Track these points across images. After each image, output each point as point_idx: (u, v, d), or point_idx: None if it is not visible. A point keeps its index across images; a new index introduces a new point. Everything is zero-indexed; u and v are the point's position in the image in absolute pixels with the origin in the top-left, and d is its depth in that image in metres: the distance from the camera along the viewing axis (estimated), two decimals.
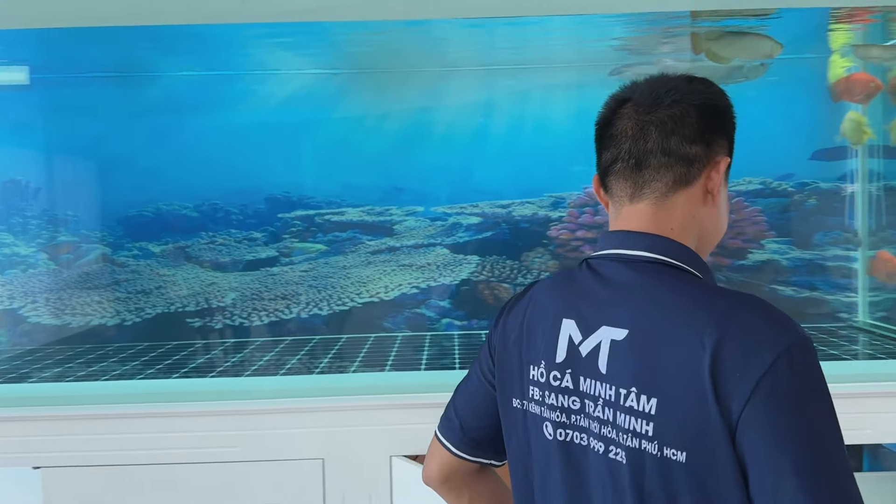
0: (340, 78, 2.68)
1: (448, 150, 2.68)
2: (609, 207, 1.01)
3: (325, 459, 1.96)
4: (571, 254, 2.68)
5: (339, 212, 2.70)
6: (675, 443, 0.85)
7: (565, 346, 0.95)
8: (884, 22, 2.37)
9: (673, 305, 0.90)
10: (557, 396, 0.94)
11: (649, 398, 0.86)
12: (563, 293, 0.98)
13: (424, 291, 2.66)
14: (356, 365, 2.24)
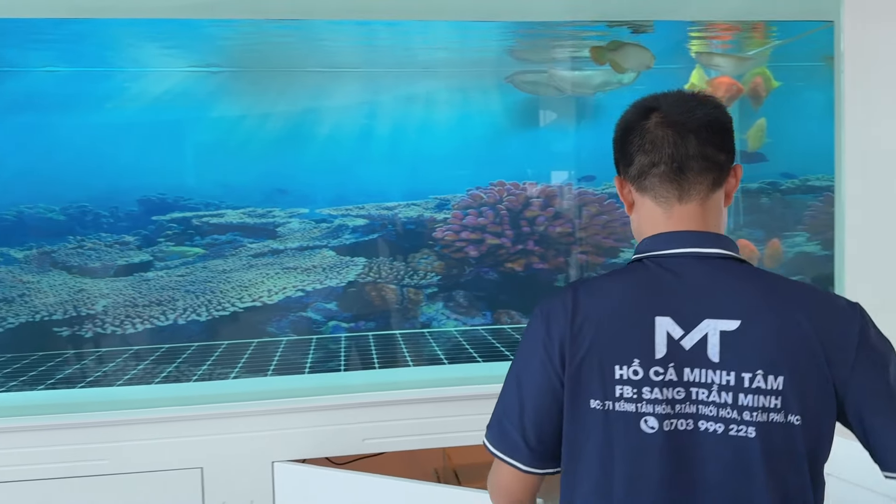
0: (219, 76, 2.61)
1: (333, 152, 2.66)
2: (641, 207, 1.14)
3: (203, 468, 1.90)
4: (456, 254, 2.73)
5: (218, 214, 2.62)
6: (796, 409, 1.01)
7: (664, 342, 1.04)
8: (740, 39, 2.58)
9: (764, 293, 1.05)
10: (662, 390, 1.03)
11: (776, 377, 1.01)
12: (646, 293, 1.07)
13: (310, 294, 2.63)
14: (236, 371, 2.19)
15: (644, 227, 1.14)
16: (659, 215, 1.12)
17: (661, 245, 1.10)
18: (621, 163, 1.16)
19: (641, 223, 1.15)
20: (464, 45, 2.72)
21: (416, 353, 2.45)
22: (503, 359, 2.33)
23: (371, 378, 2.13)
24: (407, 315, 2.69)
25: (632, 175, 1.13)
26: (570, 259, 2.76)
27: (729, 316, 1.04)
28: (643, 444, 1.03)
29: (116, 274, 2.52)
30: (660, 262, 1.09)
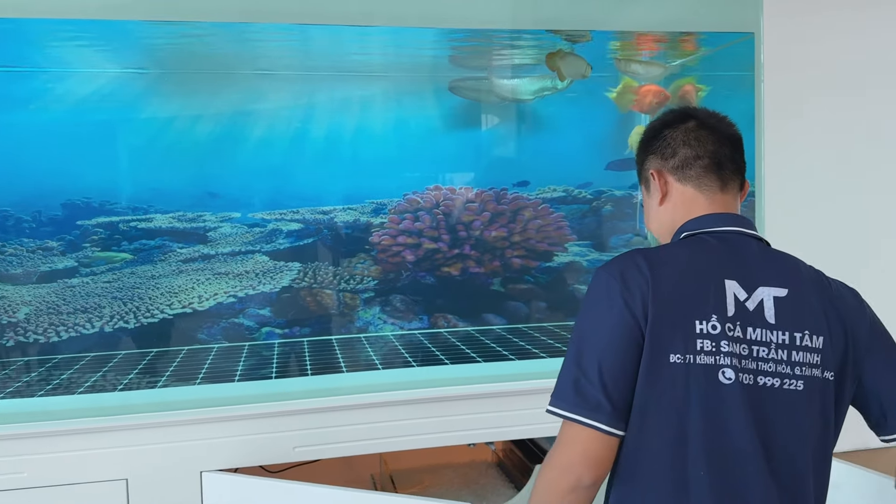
0: (148, 78, 2.54)
1: (266, 155, 2.63)
2: (680, 195, 1.30)
3: (128, 480, 1.85)
4: (393, 259, 2.72)
5: (146, 218, 2.55)
6: (831, 366, 1.19)
7: (733, 302, 1.17)
8: (667, 49, 2.65)
9: (797, 269, 1.25)
10: (734, 345, 1.15)
11: (818, 336, 1.18)
12: (713, 258, 1.21)
13: (242, 300, 2.58)
14: (164, 380, 2.14)
15: (680, 213, 1.29)
16: (702, 201, 1.27)
17: (711, 223, 1.25)
18: (660, 155, 1.31)
19: (677, 209, 1.29)
20: (401, 51, 2.72)
21: (352, 358, 2.44)
22: (438, 363, 2.34)
23: (304, 385, 2.11)
24: (343, 320, 2.67)
25: (673, 166, 1.29)
26: (505, 263, 2.79)
27: (778, 284, 1.20)
28: (722, 394, 1.14)
29: (39, 280, 2.43)
30: (715, 236, 1.24)
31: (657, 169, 1.31)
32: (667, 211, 1.31)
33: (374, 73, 2.69)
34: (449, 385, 2.06)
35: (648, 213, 1.36)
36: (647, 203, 1.36)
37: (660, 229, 1.34)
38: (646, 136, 1.35)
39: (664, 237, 1.34)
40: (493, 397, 1.97)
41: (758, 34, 2.15)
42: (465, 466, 2.50)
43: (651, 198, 1.34)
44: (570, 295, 2.83)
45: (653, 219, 1.35)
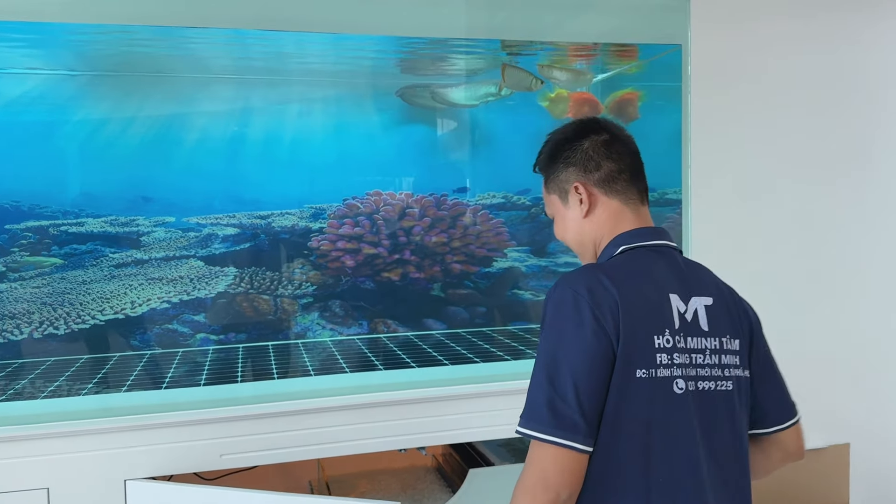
0: (79, 80, 2.49)
1: (202, 159, 2.60)
2: (606, 208, 1.34)
3: (50, 489, 1.81)
4: (332, 264, 2.72)
5: (77, 222, 2.50)
6: (746, 365, 1.31)
7: (676, 314, 1.24)
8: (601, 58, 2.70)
9: (712, 277, 1.35)
10: (681, 355, 1.22)
11: (736, 339, 1.29)
12: (657, 273, 1.27)
13: (176, 306, 2.55)
14: (90, 387, 2.10)
15: (608, 226, 1.33)
16: (628, 214, 1.33)
17: (646, 236, 1.31)
18: (582, 168, 1.34)
19: (605, 223, 1.33)
20: (342, 57, 2.72)
21: (286, 365, 2.42)
22: (372, 369, 2.34)
23: (234, 392, 2.09)
24: (281, 326, 2.65)
25: (599, 179, 1.34)
26: (445, 268, 2.80)
27: (706, 294, 1.29)
28: (677, 404, 1.21)
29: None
30: (652, 250, 1.30)
31: (581, 182, 1.34)
32: (592, 223, 1.34)
33: (314, 79, 2.69)
34: (384, 391, 2.05)
35: (566, 224, 1.38)
36: (563, 214, 1.39)
37: (581, 240, 1.37)
38: (556, 147, 1.37)
39: (585, 248, 1.38)
40: (430, 402, 1.99)
41: (685, 46, 2.21)
42: (403, 472, 2.51)
43: (570, 209, 1.36)
44: (509, 300, 2.86)
45: (574, 230, 1.37)
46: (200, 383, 2.13)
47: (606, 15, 2.26)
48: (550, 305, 1.21)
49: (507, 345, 2.61)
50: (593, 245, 1.35)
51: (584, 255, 1.38)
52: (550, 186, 1.41)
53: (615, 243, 1.31)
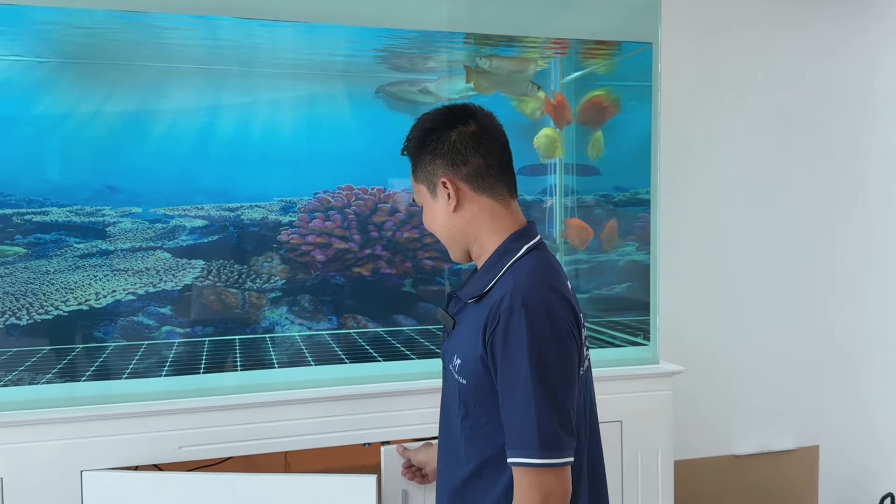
0: (46, 67, 2.46)
1: (170, 149, 2.57)
2: (475, 204, 1.30)
3: (3, 479, 1.78)
4: (302, 258, 2.69)
5: (42, 211, 2.46)
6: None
7: (575, 305, 1.28)
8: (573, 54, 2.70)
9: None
10: (582, 344, 1.28)
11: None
12: (561, 269, 1.31)
13: (142, 298, 2.51)
14: (49, 376, 2.06)
15: (478, 223, 1.30)
16: (500, 210, 1.30)
17: (535, 234, 1.32)
18: (449, 162, 1.29)
19: (475, 219, 1.30)
20: (316, 49, 2.70)
21: (252, 358, 2.39)
22: (338, 362, 2.32)
23: (195, 384, 2.06)
24: (248, 320, 2.63)
25: (467, 174, 1.29)
26: (416, 264, 2.79)
27: (569, 280, 1.33)
28: (588, 387, 1.33)
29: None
30: (544, 247, 1.32)
31: (449, 177, 1.30)
32: (461, 219, 1.31)
33: (287, 70, 2.66)
34: (351, 384, 2.04)
35: (435, 217, 1.35)
36: (431, 205, 1.35)
37: (450, 234, 1.34)
38: (424, 135, 1.33)
39: (455, 242, 1.35)
40: (397, 396, 1.97)
41: (656, 45, 2.21)
42: (372, 467, 2.48)
43: (438, 203, 1.33)
44: None
45: (442, 224, 1.34)
46: (162, 374, 2.10)
47: (578, 11, 2.26)
48: (524, 321, 1.16)
49: None
50: (465, 240, 1.33)
51: (454, 248, 1.37)
52: (418, 175, 1.36)
53: (513, 244, 1.28)
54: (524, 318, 1.16)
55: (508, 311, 1.18)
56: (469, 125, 1.30)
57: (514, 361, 1.16)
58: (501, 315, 1.18)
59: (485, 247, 1.31)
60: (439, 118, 1.33)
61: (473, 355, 1.24)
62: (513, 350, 1.16)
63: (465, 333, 1.29)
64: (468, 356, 1.25)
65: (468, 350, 1.26)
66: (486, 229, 1.30)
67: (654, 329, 2.29)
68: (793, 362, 3.14)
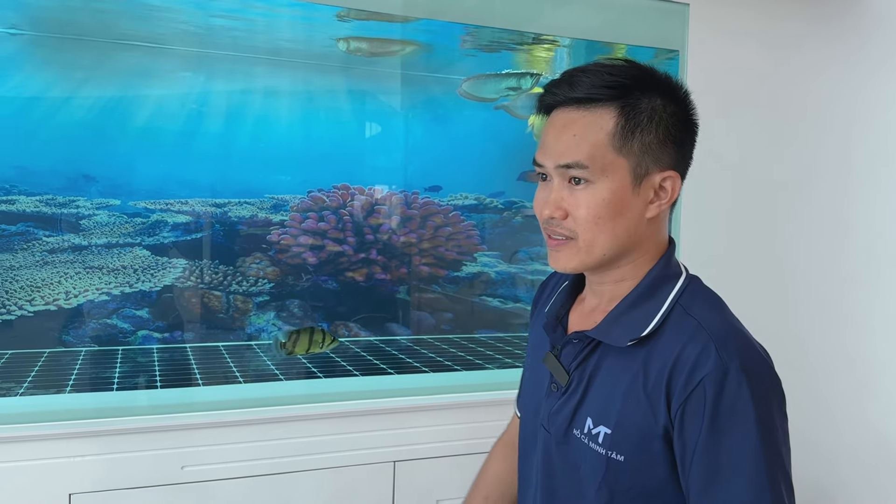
0: (19, 40, 2.21)
1: (153, 138, 2.35)
2: (666, 216, 0.99)
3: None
4: (293, 260, 2.52)
5: (7, 200, 2.21)
6: None
7: None
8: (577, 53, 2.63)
9: None
10: None
11: None
12: None
13: (117, 299, 2.28)
14: (25, 386, 1.83)
15: (655, 241, 0.98)
16: (666, 230, 1.01)
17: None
18: (682, 158, 0.96)
19: (656, 234, 0.98)
20: (314, 37, 2.53)
21: (244, 368, 2.20)
22: (344, 375, 2.16)
23: (193, 397, 1.87)
24: (232, 325, 2.43)
25: (681, 179, 0.97)
26: (412, 270, 2.65)
27: None
28: None
29: None
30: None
31: (676, 176, 0.95)
32: (648, 228, 0.96)
33: (283, 59, 2.48)
34: (356, 399, 1.89)
35: (618, 210, 0.92)
36: (614, 192, 0.92)
37: (621, 241, 0.94)
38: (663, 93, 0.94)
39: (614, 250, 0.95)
40: (411, 412, 1.84)
41: (682, 52, 2.16)
42: None
43: (634, 197, 0.93)
44: (477, 307, 2.74)
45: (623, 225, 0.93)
46: (155, 385, 1.89)
47: (604, 13, 2.18)
48: (748, 394, 0.85)
49: (479, 353, 2.48)
50: (627, 254, 0.97)
51: (600, 256, 0.95)
52: (630, 145, 0.91)
53: (668, 269, 0.98)
54: (746, 386, 0.85)
55: (719, 374, 0.85)
56: (693, 112, 0.97)
57: (732, 448, 0.85)
58: (706, 381, 0.85)
59: (639, 268, 0.98)
60: (677, 88, 0.95)
61: (641, 425, 0.90)
62: (730, 430, 0.85)
63: (613, 392, 0.93)
64: (629, 426, 0.91)
65: (629, 417, 0.91)
66: (652, 250, 0.98)
67: None
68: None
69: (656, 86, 0.93)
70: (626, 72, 0.92)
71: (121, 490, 1.65)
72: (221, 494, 1.71)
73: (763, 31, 2.27)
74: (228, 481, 1.71)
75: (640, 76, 0.93)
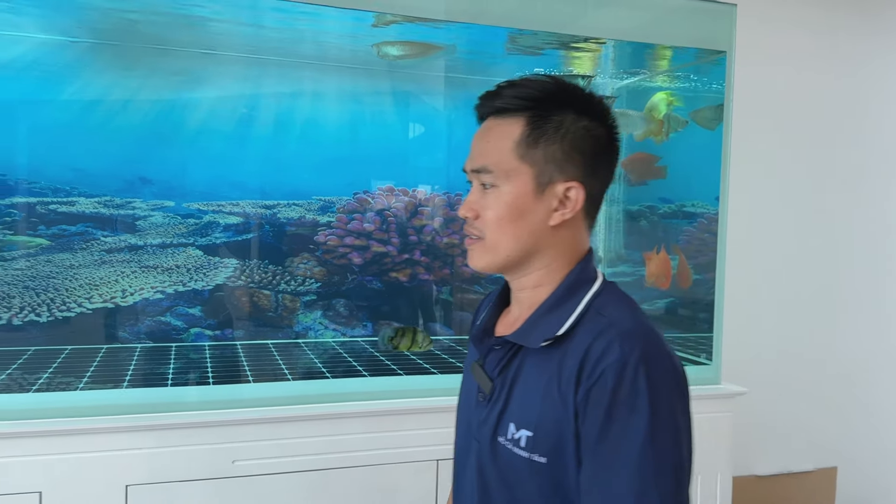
0: (79, 48, 2.30)
1: (206, 141, 2.42)
2: (576, 226, 0.99)
3: (42, 493, 1.63)
4: (339, 260, 2.57)
5: (68, 201, 2.30)
6: None
7: None
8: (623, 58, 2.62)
9: None
10: None
11: None
12: None
13: (171, 297, 2.37)
14: (84, 381, 1.91)
15: (565, 248, 0.99)
16: (585, 242, 1.01)
17: (594, 264, 1.03)
18: (589, 167, 0.97)
19: (563, 241, 0.99)
20: (356, 41, 2.57)
21: (292, 365, 2.26)
22: (389, 373, 2.19)
23: (242, 393, 1.93)
24: (280, 324, 2.49)
25: (591, 191, 0.97)
26: (455, 271, 2.68)
27: None
28: None
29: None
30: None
31: (580, 184, 0.96)
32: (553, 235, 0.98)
33: (331, 63, 2.54)
34: (400, 397, 1.92)
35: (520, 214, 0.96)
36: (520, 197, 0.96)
37: (524, 244, 0.97)
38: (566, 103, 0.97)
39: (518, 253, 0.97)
40: (451, 412, 1.86)
41: (730, 54, 2.14)
42: None
43: (538, 202, 0.96)
44: None
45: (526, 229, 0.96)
46: (208, 382, 1.95)
47: (641, 12, 2.16)
48: (644, 383, 0.86)
49: None
50: (533, 258, 0.99)
51: (506, 257, 0.97)
52: (534, 153, 0.95)
53: (585, 273, 0.99)
54: (644, 377, 0.86)
55: (619, 365, 0.87)
56: (613, 131, 0.99)
57: (624, 436, 0.86)
58: (608, 371, 0.87)
59: (553, 273, 0.99)
60: (587, 100, 0.97)
61: (557, 424, 0.91)
62: (624, 419, 0.86)
63: (532, 394, 0.95)
64: (547, 426, 0.92)
65: (546, 417, 0.92)
66: (565, 257, 0.99)
67: (717, 349, 2.21)
68: (815, 383, 3.09)
69: (572, 101, 0.97)
70: (541, 86, 0.96)
71: (174, 483, 1.71)
72: (270, 489, 1.76)
73: (814, 30, 2.23)
74: (277, 476, 1.76)
75: (555, 91, 0.97)
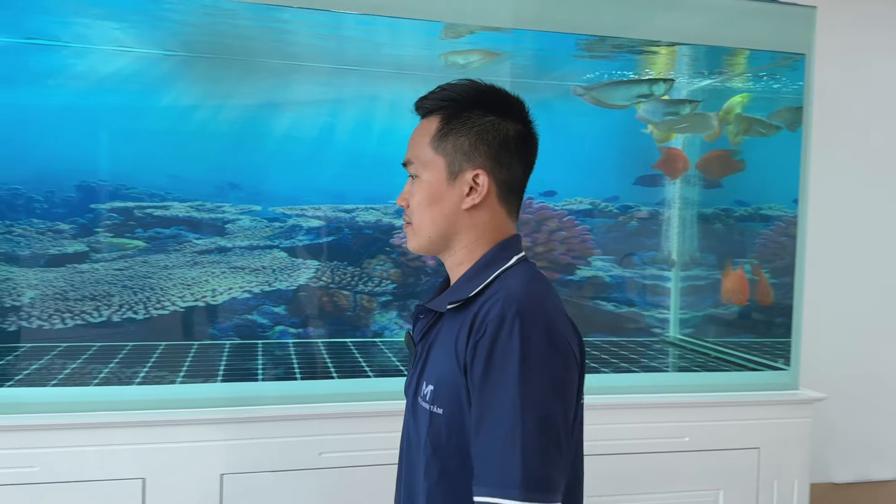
0: (173, 60, 2.45)
1: (290, 148, 2.54)
2: (491, 211, 1.08)
3: (146, 479, 1.75)
4: (413, 262, 2.65)
5: (163, 206, 2.45)
6: None
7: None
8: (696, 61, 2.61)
9: None
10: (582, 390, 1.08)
11: None
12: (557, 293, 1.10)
13: (257, 296, 2.49)
14: (181, 376, 2.04)
15: (482, 230, 1.08)
16: (507, 226, 1.11)
17: (520, 247, 1.12)
18: (494, 158, 1.07)
19: (479, 225, 1.08)
20: (433, 48, 2.64)
21: (371, 363, 2.35)
22: None
23: (328, 388, 2.02)
24: (358, 323, 2.59)
25: (501, 180, 1.08)
26: None
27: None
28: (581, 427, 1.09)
29: (48, 264, 2.32)
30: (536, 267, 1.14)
31: (486, 173, 1.06)
32: (468, 218, 1.07)
33: (408, 72, 2.62)
34: None
35: (436, 200, 1.07)
36: (436, 185, 1.07)
37: (442, 227, 1.08)
38: (473, 105, 1.07)
39: (440, 236, 1.08)
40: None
41: (809, 56, 2.12)
42: None
43: (451, 189, 1.07)
44: (590, 311, 2.77)
45: (442, 213, 1.07)
46: (295, 376, 2.06)
47: (715, 15, 2.15)
48: (517, 334, 0.94)
49: (593, 356, 2.53)
50: (453, 239, 1.09)
51: (431, 239, 1.09)
52: (444, 144, 1.07)
53: (502, 252, 1.07)
54: (518, 330, 0.94)
55: (498, 320, 0.95)
56: (526, 126, 1.10)
57: (499, 382, 0.93)
58: (489, 325, 0.96)
59: (473, 253, 1.08)
60: (499, 100, 1.09)
61: (451, 377, 1.00)
62: (499, 368, 0.94)
63: (440, 353, 1.04)
64: (444, 379, 1.01)
65: (444, 371, 1.01)
66: (484, 238, 1.08)
67: (795, 354, 2.19)
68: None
69: (483, 101, 1.08)
70: (460, 89, 1.09)
71: (265, 472, 1.82)
72: (353, 481, 1.85)
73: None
74: (360, 468, 1.84)
75: (470, 93, 1.08)
